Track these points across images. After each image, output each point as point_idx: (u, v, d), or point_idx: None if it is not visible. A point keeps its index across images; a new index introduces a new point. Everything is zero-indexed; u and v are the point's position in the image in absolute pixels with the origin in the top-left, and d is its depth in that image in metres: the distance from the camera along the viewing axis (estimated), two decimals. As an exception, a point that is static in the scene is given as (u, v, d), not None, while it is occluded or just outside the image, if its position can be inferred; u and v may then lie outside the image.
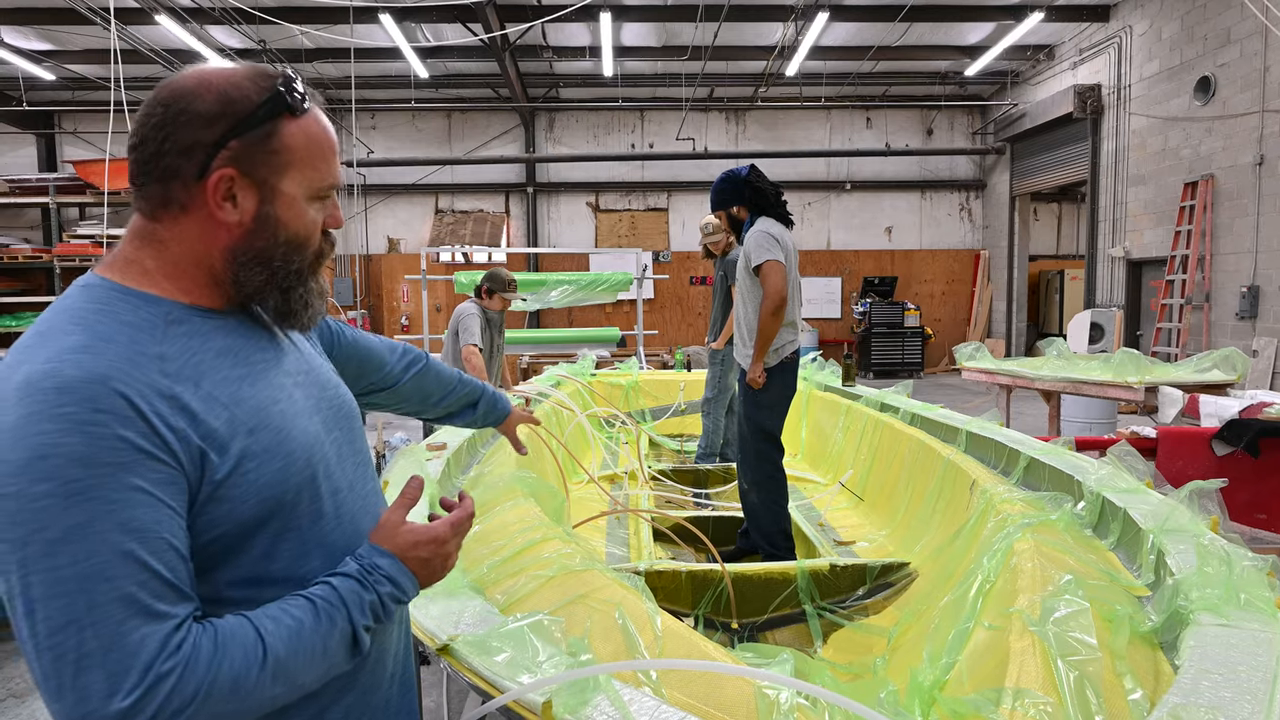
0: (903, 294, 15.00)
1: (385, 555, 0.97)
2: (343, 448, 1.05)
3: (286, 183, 0.95)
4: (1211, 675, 1.27)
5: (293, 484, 0.93)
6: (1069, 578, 1.64)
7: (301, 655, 0.87)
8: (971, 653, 1.73)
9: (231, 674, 0.82)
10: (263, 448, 0.90)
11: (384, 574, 0.96)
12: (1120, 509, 2.22)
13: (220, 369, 0.92)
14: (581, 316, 14.37)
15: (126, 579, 0.78)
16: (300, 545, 0.95)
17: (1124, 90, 10.75)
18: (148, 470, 0.81)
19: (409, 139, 14.69)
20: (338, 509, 1.00)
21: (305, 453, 0.96)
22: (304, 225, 0.98)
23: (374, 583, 0.95)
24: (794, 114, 14.70)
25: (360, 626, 0.93)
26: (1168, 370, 5.68)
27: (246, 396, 0.92)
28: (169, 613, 0.80)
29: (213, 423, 0.87)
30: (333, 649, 0.91)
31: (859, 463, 4.46)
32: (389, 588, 0.96)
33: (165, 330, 0.90)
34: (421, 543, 0.99)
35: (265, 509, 0.90)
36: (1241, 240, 8.82)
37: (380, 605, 0.95)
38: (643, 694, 1.22)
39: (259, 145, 0.93)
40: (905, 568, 3.05)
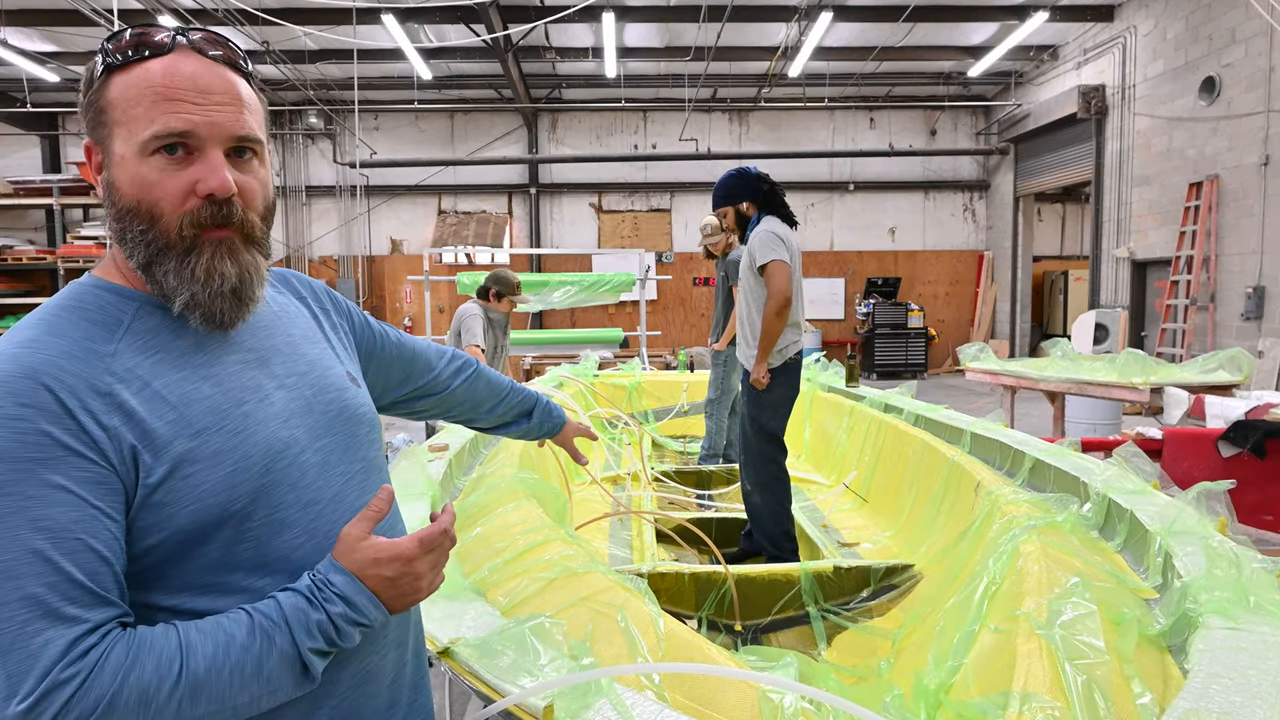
0: (906, 295, 14.97)
1: (341, 572, 0.88)
2: (332, 456, 0.99)
3: (116, 142, 0.87)
4: (1221, 680, 1.25)
5: (243, 492, 0.87)
6: (1076, 580, 1.63)
7: (229, 674, 0.81)
8: (978, 656, 1.71)
9: (140, 686, 0.77)
10: (210, 451, 0.85)
11: (336, 592, 0.87)
12: (1127, 510, 2.20)
13: (181, 367, 0.88)
14: (584, 317, 14.36)
15: (34, 579, 0.75)
16: (259, 558, 0.89)
17: (1128, 90, 10.71)
18: (70, 468, 0.78)
19: (412, 140, 14.70)
20: (311, 522, 0.93)
21: (265, 459, 0.89)
22: (139, 187, 0.87)
23: (323, 600, 0.86)
24: (797, 115, 14.68)
25: (306, 649, 0.85)
26: (1173, 371, 5.65)
27: (202, 397, 0.88)
28: (79, 617, 0.76)
29: (152, 423, 0.83)
30: (271, 671, 0.83)
31: (863, 464, 4.44)
32: (341, 607, 0.87)
33: (130, 325, 0.88)
34: (383, 560, 0.89)
35: (210, 516, 0.85)
36: (1247, 241, 8.79)
37: (332, 627, 0.86)
38: (645, 698, 1.20)
39: (93, 108, 0.89)
40: (910, 570, 3.03)
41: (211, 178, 0.87)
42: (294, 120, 14.58)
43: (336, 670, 0.95)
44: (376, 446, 1.09)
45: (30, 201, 12.61)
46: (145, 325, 0.89)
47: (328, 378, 1.04)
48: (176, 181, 0.87)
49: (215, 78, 0.90)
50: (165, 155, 0.86)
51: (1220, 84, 9.06)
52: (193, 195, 0.87)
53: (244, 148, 0.92)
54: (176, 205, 0.87)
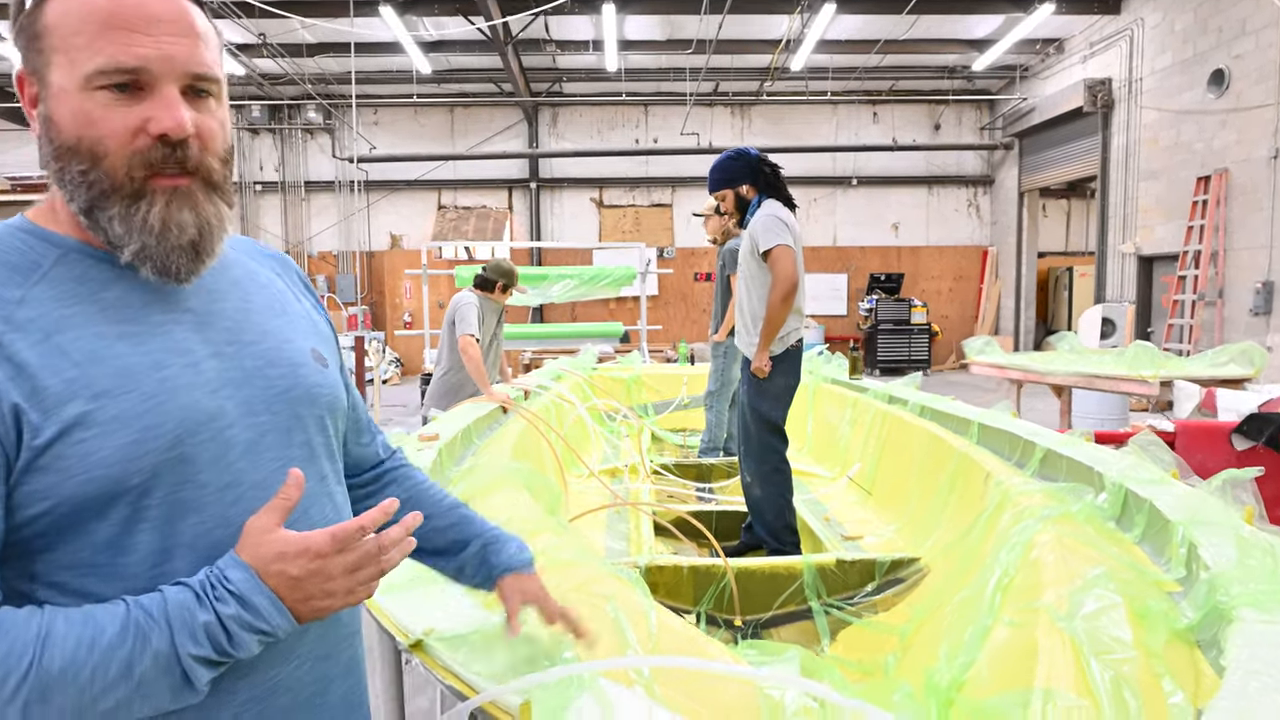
0: (909, 291, 14.85)
1: (240, 567, 0.76)
2: (268, 436, 0.87)
3: (54, 72, 0.78)
4: (1261, 676, 1.15)
5: (144, 465, 0.77)
6: (1099, 570, 1.52)
7: (89, 674, 0.70)
8: (992, 651, 1.61)
9: (19, 667, 0.67)
10: (110, 416, 0.76)
11: (231, 589, 0.75)
12: (1145, 501, 2.09)
13: (95, 322, 0.79)
14: (584, 312, 14.24)
15: None
16: (161, 542, 0.79)
17: (1135, 83, 10.58)
18: None
19: (411, 134, 14.59)
20: (227, 507, 0.82)
21: (177, 430, 0.79)
22: (81, 123, 0.77)
23: (214, 599, 0.75)
24: (800, 109, 14.56)
25: (187, 655, 0.73)
26: (1183, 364, 5.55)
27: (112, 356, 0.78)
28: None
29: (45, 379, 0.74)
30: (144, 676, 0.72)
31: (866, 456, 4.34)
32: (234, 608, 0.75)
33: (48, 272, 0.79)
34: (289, 555, 0.76)
35: (101, 489, 0.75)
36: (1256, 235, 8.66)
37: (222, 632, 0.74)
38: (634, 694, 1.10)
39: (26, 33, 0.79)
40: (916, 563, 2.92)
41: (165, 116, 0.78)
42: (293, 115, 14.48)
43: (232, 679, 0.83)
44: (328, 434, 0.96)
45: (29, 198, 12.55)
46: (68, 273, 0.80)
47: (282, 351, 0.93)
48: (124, 118, 0.78)
49: (167, 4, 0.80)
50: (113, 91, 0.77)
51: (1229, 76, 8.93)
52: (143, 133, 0.78)
53: (201, 88, 0.82)
54: (124, 144, 0.78)
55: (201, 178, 0.83)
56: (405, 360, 14.46)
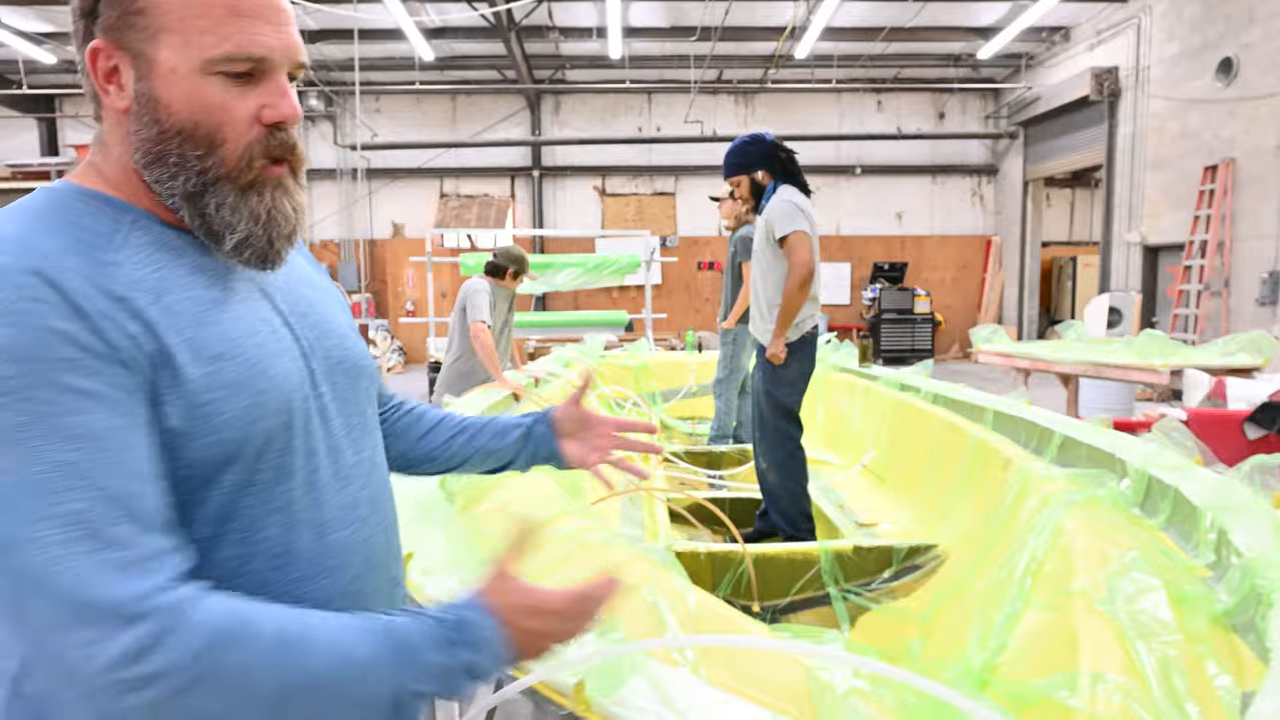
0: (912, 280, 14.82)
1: (487, 615, 0.77)
2: (332, 405, 0.89)
3: (162, 50, 0.75)
4: (1311, 658, 1.15)
5: (259, 430, 0.78)
6: (1134, 554, 1.52)
7: (330, 688, 0.70)
8: (1024, 635, 1.61)
9: (241, 660, 0.66)
10: (227, 380, 0.76)
11: (476, 636, 0.76)
12: (1170, 487, 2.09)
13: (191, 287, 0.78)
14: (587, 301, 14.22)
15: (80, 493, 0.64)
16: (260, 507, 0.80)
17: (1142, 72, 10.54)
18: (94, 372, 0.67)
19: (413, 122, 14.52)
20: (312, 473, 0.84)
21: (282, 397, 0.80)
22: (197, 108, 0.76)
23: (455, 645, 0.75)
24: (804, 97, 14.50)
25: (410, 691, 0.73)
26: (1192, 353, 5.55)
27: (214, 320, 0.77)
28: (133, 541, 0.66)
29: (171, 339, 0.73)
30: (362, 697, 0.72)
31: (879, 444, 4.33)
32: (469, 656, 0.75)
33: (127, 237, 0.76)
34: (541, 611, 0.78)
35: (223, 453, 0.76)
36: (1263, 225, 8.65)
37: (449, 674, 0.75)
38: (681, 674, 1.10)
39: (121, 8, 0.75)
40: (933, 550, 2.93)
41: (283, 104, 0.79)
42: (295, 101, 14.40)
43: None
44: (375, 405, 0.99)
45: (28, 185, 12.48)
46: (144, 239, 0.78)
47: (329, 322, 0.94)
48: (242, 105, 0.78)
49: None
50: (229, 77, 0.77)
51: (1238, 65, 8.89)
52: (256, 121, 0.79)
53: (294, 74, 0.83)
54: (241, 132, 0.78)
55: (290, 165, 0.84)
56: (408, 349, 14.44)
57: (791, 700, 1.12)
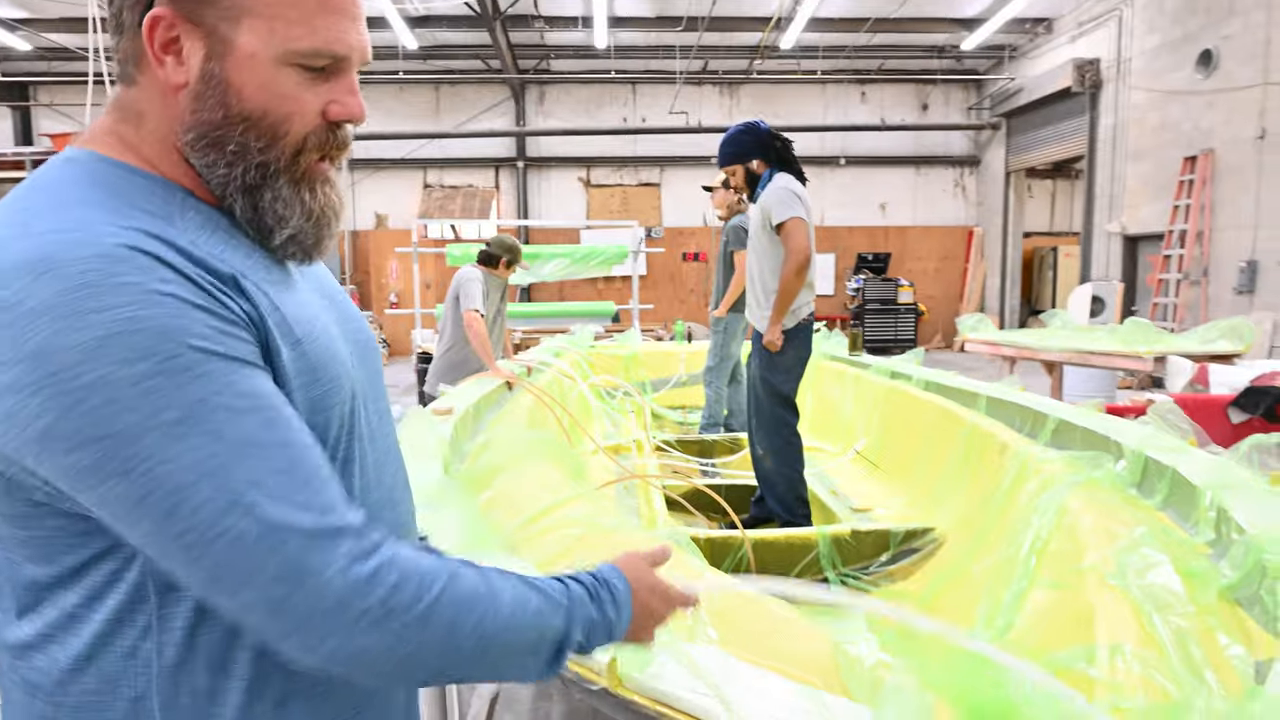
0: (896, 270, 14.91)
1: (623, 580, 0.85)
2: (369, 389, 0.88)
3: (244, 34, 0.72)
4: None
5: (336, 414, 0.77)
6: (1143, 529, 1.55)
7: (520, 632, 0.75)
8: (1032, 613, 1.63)
9: (456, 606, 0.70)
10: (311, 365, 0.75)
11: (617, 597, 0.83)
12: (1168, 467, 2.12)
13: (256, 268, 0.75)
14: (573, 292, 14.19)
15: (278, 449, 0.66)
16: None
17: (1124, 64, 10.64)
18: (240, 341, 0.68)
19: (396, 112, 14.39)
20: (365, 457, 0.83)
21: (348, 381, 0.79)
22: (270, 96, 0.73)
23: (603, 600, 0.82)
24: (789, 88, 14.51)
25: (574, 640, 0.79)
26: (1175, 340, 5.63)
27: (289, 304, 0.75)
28: (338, 492, 0.70)
29: (268, 319, 0.72)
30: (542, 644, 0.77)
31: (871, 431, 4.37)
32: (612, 613, 0.82)
33: (182, 215, 0.72)
34: (660, 592, 0.88)
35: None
36: (1241, 215, 8.77)
37: (596, 627, 0.81)
38: (710, 650, 1.11)
39: None
40: (931, 533, 2.96)
41: (352, 102, 0.78)
42: (275, 90, 14.21)
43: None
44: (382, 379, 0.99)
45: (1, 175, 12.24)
46: (196, 219, 0.74)
47: (349, 308, 0.94)
48: (314, 99, 0.76)
49: None
50: (304, 70, 0.75)
51: (1218, 56, 9.00)
52: (320, 116, 0.77)
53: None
54: (305, 125, 0.76)
55: (334, 161, 0.82)
56: (392, 341, 14.35)
57: (818, 674, 1.13)
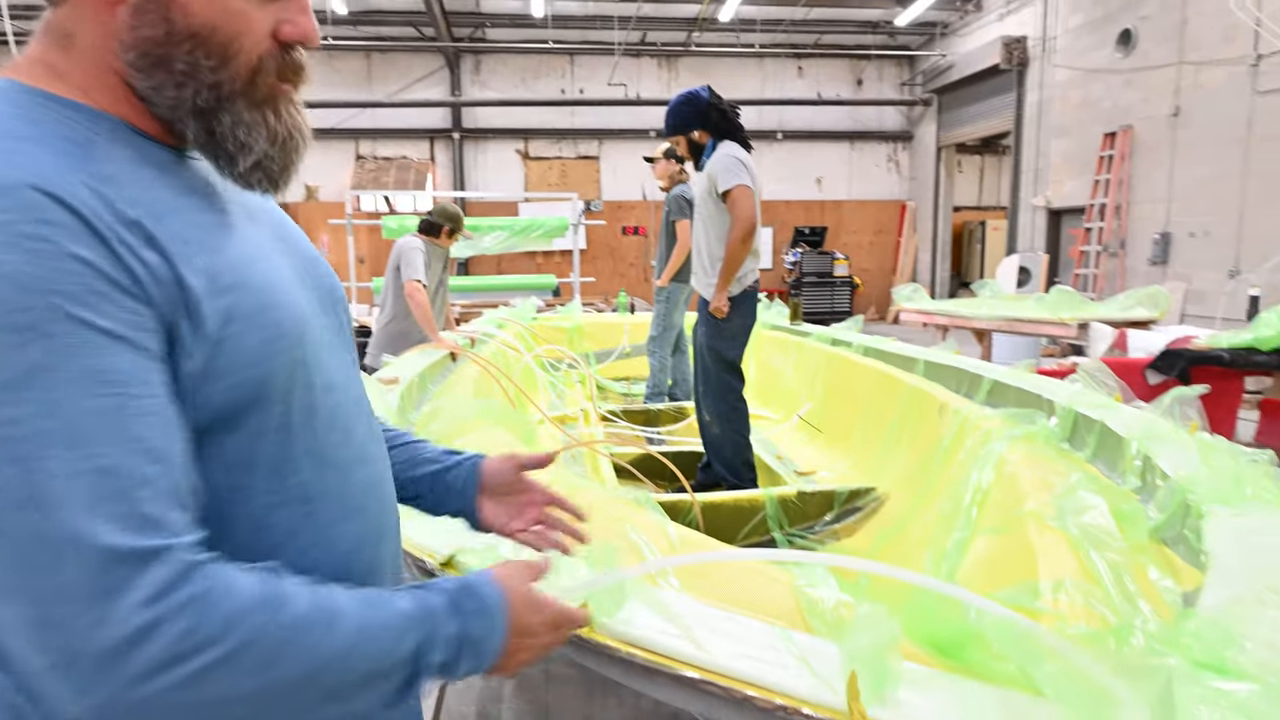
0: (832, 244, 15.17)
1: (497, 592, 0.77)
2: (334, 338, 0.83)
3: None
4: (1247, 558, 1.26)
5: (282, 363, 0.71)
6: (1079, 475, 1.63)
7: (364, 660, 0.66)
8: (975, 559, 1.71)
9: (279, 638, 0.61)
10: (246, 312, 0.68)
11: (486, 608, 0.75)
12: (1096, 422, 2.23)
13: (187, 210, 0.69)
14: (511, 265, 14.03)
15: (115, 444, 0.57)
16: (291, 449, 0.73)
17: (1049, 42, 10.96)
18: (118, 308, 0.59)
19: (325, 80, 13.89)
20: (332, 409, 0.77)
21: (297, 327, 0.73)
22: (218, 12, 0.68)
23: (469, 615, 0.73)
24: (727, 62, 14.53)
25: (427, 663, 0.70)
26: (1097, 308, 5.89)
27: (217, 245, 0.69)
28: (164, 505, 0.59)
29: (185, 269, 0.64)
30: (390, 669, 0.68)
31: (814, 397, 4.46)
32: (479, 628, 0.74)
33: (108, 148, 0.67)
34: (539, 608, 0.80)
35: (246, 394, 0.68)
36: (1156, 189, 9.18)
37: (459, 648, 0.72)
38: (677, 595, 1.13)
39: None
40: (873, 492, 3.05)
41: (303, 20, 0.73)
42: (194, 55, 13.57)
43: None
44: (350, 333, 0.92)
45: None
46: (124, 153, 0.68)
47: (311, 250, 0.88)
48: (263, 18, 0.71)
49: None
50: None
51: (1136, 37, 9.35)
52: (271, 37, 0.72)
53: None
54: (256, 44, 0.71)
55: (295, 85, 0.77)
56: (325, 316, 13.99)
57: (782, 617, 1.16)
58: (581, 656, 1.07)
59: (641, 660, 0.97)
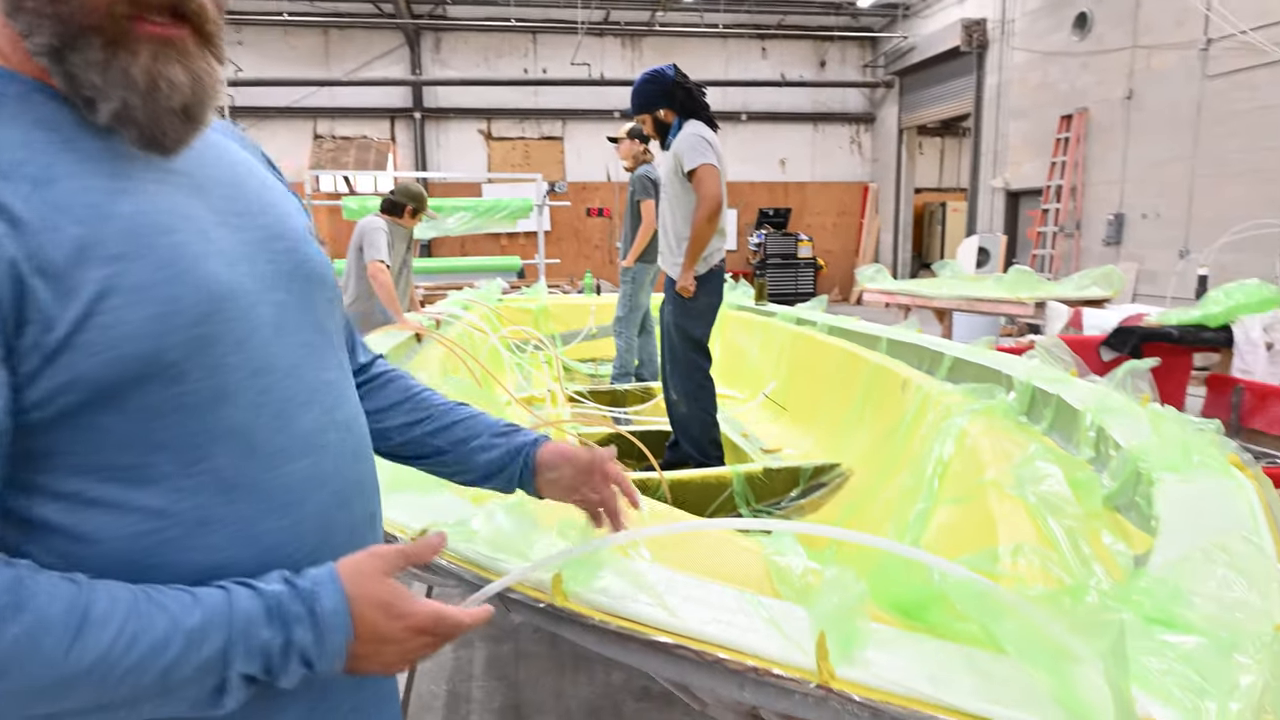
0: (795, 225, 15.28)
1: (336, 594, 0.70)
2: (289, 317, 0.79)
3: None
4: (1194, 519, 1.31)
5: (175, 342, 0.67)
6: (1036, 446, 1.68)
7: (121, 674, 0.61)
8: (940, 526, 1.75)
9: (25, 640, 0.57)
10: (133, 284, 0.65)
11: (317, 613, 0.69)
12: (1053, 395, 2.30)
13: (82, 175, 0.66)
14: (475, 247, 13.89)
15: None
16: (191, 433, 0.69)
17: (1008, 25, 11.10)
18: None
19: (282, 57, 13.57)
20: (262, 394, 0.74)
21: (206, 304, 0.69)
22: None
23: (290, 617, 0.68)
24: (691, 42, 14.48)
25: (237, 673, 0.66)
26: (1053, 287, 6.02)
27: (116, 214, 0.66)
28: None
29: (48, 237, 0.62)
30: (177, 683, 0.63)
31: (779, 376, 4.51)
32: (308, 637, 0.68)
33: (14, 114, 0.65)
34: (396, 613, 0.72)
35: (127, 371, 0.65)
36: (1110, 171, 9.38)
37: (280, 656, 0.67)
38: (650, 565, 1.15)
39: None
40: (838, 468, 3.10)
41: None
42: (143, 30, 13.15)
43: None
44: (337, 320, 0.90)
45: None
46: (32, 116, 0.66)
47: (284, 224, 0.84)
48: None
49: None
50: None
51: (1091, 20, 9.51)
52: None
53: None
54: None
55: (194, 27, 0.70)
56: (285, 300, 13.75)
57: (752, 584, 1.19)
58: (555, 625, 1.08)
59: (615, 627, 0.98)
